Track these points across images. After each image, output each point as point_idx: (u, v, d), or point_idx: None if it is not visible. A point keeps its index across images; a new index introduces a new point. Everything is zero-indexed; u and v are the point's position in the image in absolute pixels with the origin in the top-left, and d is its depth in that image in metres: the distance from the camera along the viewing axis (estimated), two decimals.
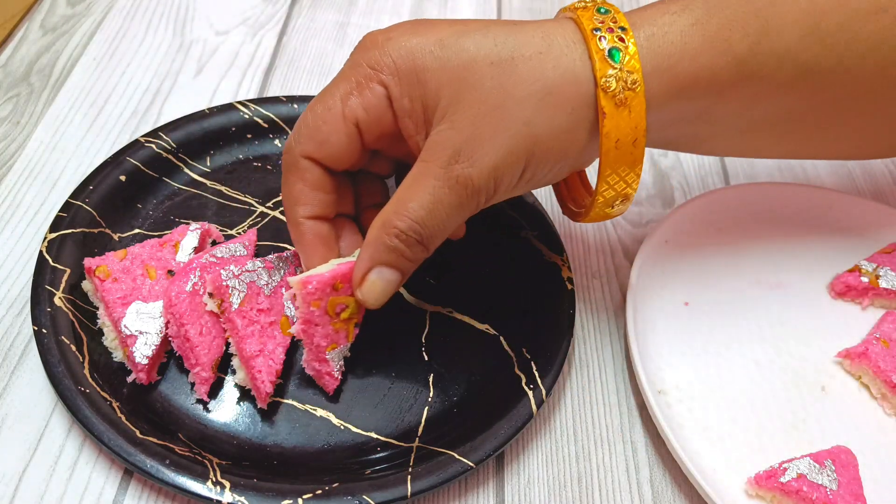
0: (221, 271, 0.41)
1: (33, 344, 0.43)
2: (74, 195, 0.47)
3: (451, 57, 0.37)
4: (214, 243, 0.47)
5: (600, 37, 0.37)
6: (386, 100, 0.39)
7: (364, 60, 0.39)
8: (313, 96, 0.55)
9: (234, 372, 0.42)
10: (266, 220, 0.50)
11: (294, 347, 0.43)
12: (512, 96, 0.37)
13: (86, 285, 0.43)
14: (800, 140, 0.44)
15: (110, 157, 0.49)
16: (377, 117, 0.39)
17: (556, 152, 0.38)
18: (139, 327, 0.40)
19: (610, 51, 0.37)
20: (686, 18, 0.38)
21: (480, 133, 0.36)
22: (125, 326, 0.40)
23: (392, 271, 0.39)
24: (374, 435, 0.41)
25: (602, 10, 0.38)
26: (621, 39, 0.37)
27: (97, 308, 0.43)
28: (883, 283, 0.49)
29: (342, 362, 0.42)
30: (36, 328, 0.41)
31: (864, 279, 0.49)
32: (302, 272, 0.44)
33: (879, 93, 0.41)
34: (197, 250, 0.45)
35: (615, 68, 0.37)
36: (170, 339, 0.41)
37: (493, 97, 0.37)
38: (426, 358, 0.45)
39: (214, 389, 0.42)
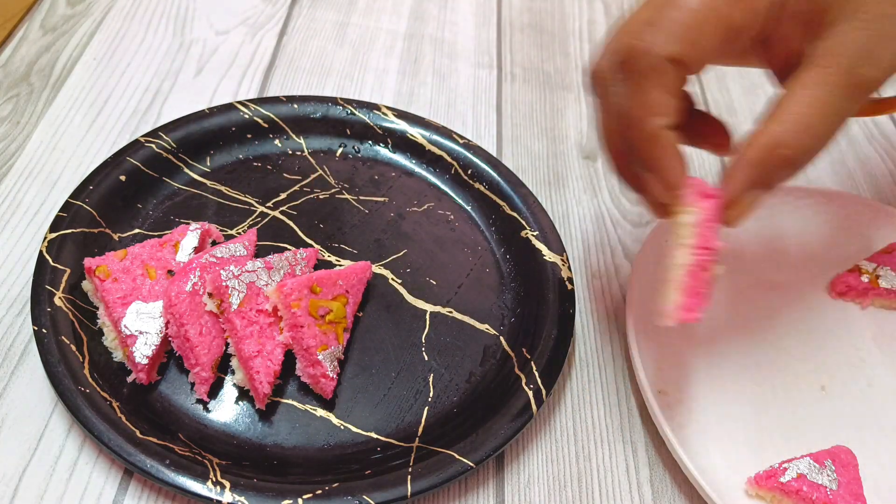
0: (221, 271, 0.41)
1: (33, 344, 0.43)
2: (74, 195, 0.47)
3: None
4: (214, 243, 0.47)
5: None
6: (772, 4, 0.36)
7: None
8: (313, 96, 0.56)
9: (233, 372, 0.42)
10: (266, 220, 0.50)
11: None
12: None
13: (86, 285, 0.43)
14: None
15: (110, 157, 0.49)
16: (755, 21, 0.36)
17: None
18: (139, 327, 0.40)
19: None
20: None
21: (887, 31, 0.35)
22: (125, 326, 0.40)
23: (767, 191, 0.37)
24: (374, 435, 0.41)
25: None
26: None
27: (97, 308, 0.43)
28: (883, 283, 0.49)
29: (336, 363, 0.42)
30: (36, 328, 0.41)
31: (865, 279, 0.49)
32: (303, 273, 0.44)
33: None
34: (197, 250, 0.45)
35: None
36: (170, 339, 0.41)
37: None
38: (426, 358, 0.45)
39: (214, 389, 0.42)
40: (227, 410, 0.41)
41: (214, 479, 0.37)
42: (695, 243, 0.36)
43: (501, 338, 0.46)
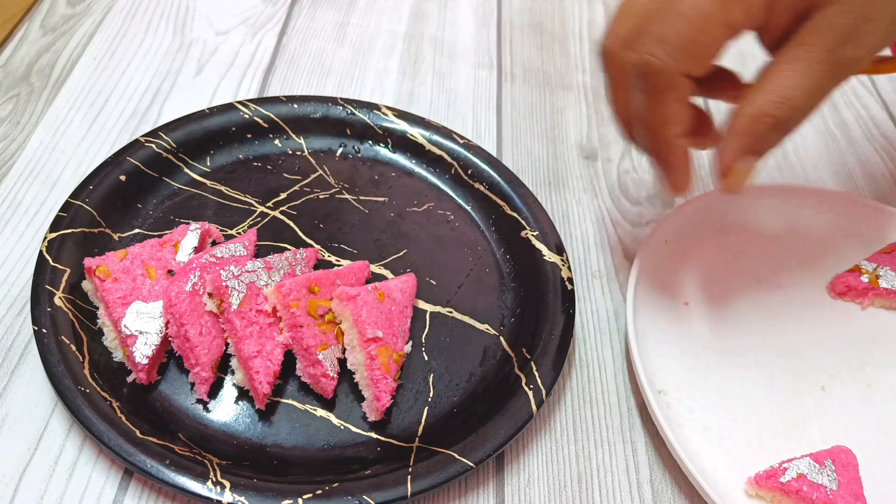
0: (221, 271, 0.41)
1: (33, 344, 0.43)
2: (74, 195, 0.47)
3: None
4: (214, 243, 0.47)
5: None
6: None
7: None
8: (313, 96, 0.56)
9: (233, 372, 0.42)
10: (266, 220, 0.50)
11: None
12: None
13: (86, 285, 0.43)
14: None
15: (110, 157, 0.49)
16: (752, 18, 0.37)
17: None
18: (139, 327, 0.40)
19: None
20: None
21: (868, 14, 0.36)
22: (125, 326, 0.40)
23: (756, 157, 0.39)
24: (374, 435, 0.41)
25: None
26: None
27: (97, 308, 0.43)
28: (883, 283, 0.49)
29: (336, 363, 0.42)
30: (36, 328, 0.41)
31: (864, 279, 0.49)
32: (302, 273, 0.44)
33: None
34: (197, 250, 0.45)
35: None
36: (170, 339, 0.41)
37: None
38: (426, 358, 0.45)
39: (214, 389, 0.42)
40: (227, 410, 0.41)
41: (214, 479, 0.37)
42: (358, 340, 0.41)
43: (501, 338, 0.46)
